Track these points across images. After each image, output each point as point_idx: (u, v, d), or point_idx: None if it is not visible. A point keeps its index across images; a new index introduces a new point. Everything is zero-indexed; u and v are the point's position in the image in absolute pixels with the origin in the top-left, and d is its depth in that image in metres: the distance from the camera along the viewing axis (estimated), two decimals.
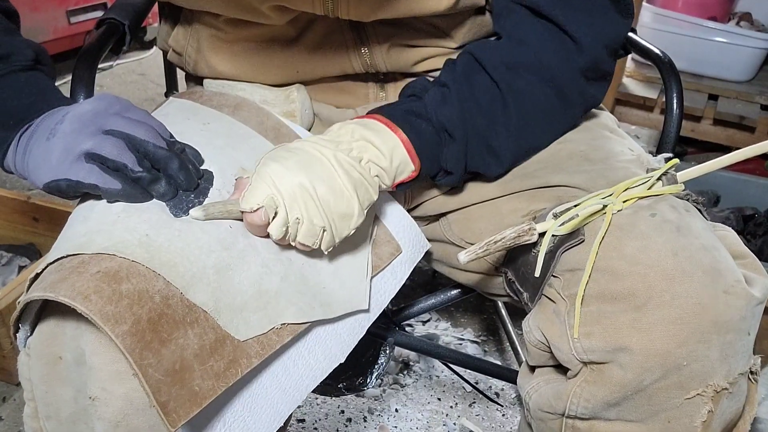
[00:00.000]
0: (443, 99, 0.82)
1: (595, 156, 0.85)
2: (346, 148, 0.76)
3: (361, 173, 0.74)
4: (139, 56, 3.39)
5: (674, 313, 0.66)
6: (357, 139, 0.77)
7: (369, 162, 0.77)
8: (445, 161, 0.83)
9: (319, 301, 0.75)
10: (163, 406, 0.60)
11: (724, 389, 0.68)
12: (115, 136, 0.70)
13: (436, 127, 0.81)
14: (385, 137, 0.78)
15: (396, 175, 0.79)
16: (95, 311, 0.59)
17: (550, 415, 0.76)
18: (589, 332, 0.70)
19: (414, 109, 0.81)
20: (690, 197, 0.78)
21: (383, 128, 0.78)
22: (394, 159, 0.78)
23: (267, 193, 0.71)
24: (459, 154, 0.82)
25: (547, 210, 0.79)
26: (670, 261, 0.68)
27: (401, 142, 0.78)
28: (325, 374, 0.77)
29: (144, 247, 0.65)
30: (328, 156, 0.73)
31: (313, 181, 0.71)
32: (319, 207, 0.71)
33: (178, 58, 1.00)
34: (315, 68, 0.92)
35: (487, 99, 0.82)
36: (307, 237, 0.73)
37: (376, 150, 0.77)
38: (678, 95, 1.14)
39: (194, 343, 0.64)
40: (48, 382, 0.66)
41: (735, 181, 2.06)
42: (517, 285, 0.83)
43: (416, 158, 0.79)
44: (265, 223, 0.72)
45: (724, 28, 2.51)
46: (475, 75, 0.83)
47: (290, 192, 0.71)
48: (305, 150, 0.74)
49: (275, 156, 0.73)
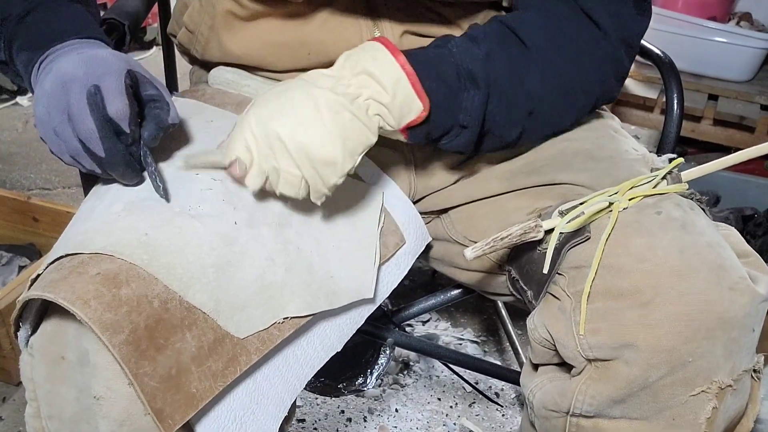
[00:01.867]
0: (471, 45, 0.77)
1: (600, 154, 0.85)
2: (343, 85, 0.71)
3: (354, 113, 0.69)
4: (139, 56, 3.39)
5: (680, 310, 0.66)
6: (358, 73, 0.71)
7: (369, 99, 0.71)
8: (463, 111, 0.76)
9: (325, 291, 0.75)
10: (159, 412, 0.61)
11: (729, 386, 0.68)
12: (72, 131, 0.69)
13: (458, 70, 0.75)
14: (387, 68, 0.72)
15: (401, 115, 0.73)
16: (94, 319, 0.59)
17: (555, 413, 0.76)
18: (596, 329, 0.70)
19: (437, 53, 0.76)
20: (694, 196, 0.78)
21: (387, 58, 0.72)
22: (397, 94, 0.71)
23: (242, 143, 0.69)
24: (480, 103, 0.76)
25: (553, 207, 0.79)
26: (676, 258, 0.68)
27: (405, 75, 0.72)
28: (322, 362, 0.78)
29: (143, 248, 0.65)
30: (315, 97, 0.69)
31: (287, 128, 0.68)
32: (295, 156, 0.68)
33: (189, 37, 0.98)
34: (327, 50, 0.91)
35: (516, 56, 0.78)
36: (286, 187, 0.71)
37: (376, 84, 0.71)
38: (678, 95, 1.14)
39: (192, 346, 0.64)
40: (51, 382, 0.66)
41: (735, 181, 2.06)
42: (521, 283, 0.83)
43: (424, 95, 0.73)
44: (241, 176, 0.70)
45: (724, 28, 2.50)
46: (507, 34, 0.80)
47: (264, 140, 0.69)
48: (293, 90, 0.70)
49: (260, 100, 0.71)
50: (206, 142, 0.81)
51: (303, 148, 0.68)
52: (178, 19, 1.02)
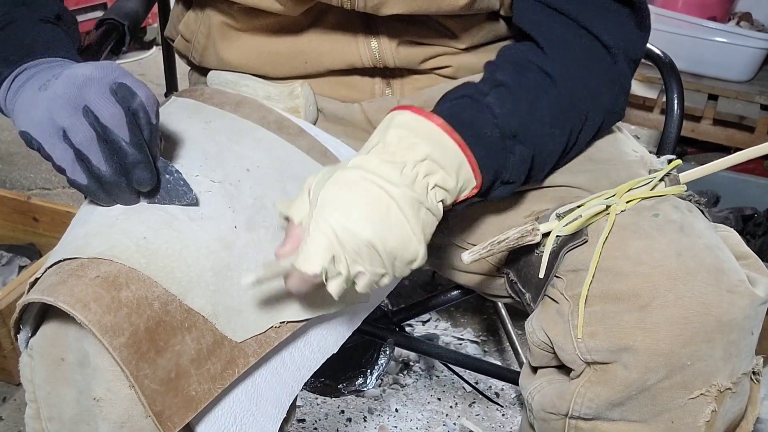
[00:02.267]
0: (508, 95, 0.75)
1: (599, 156, 0.85)
2: (411, 175, 0.66)
3: (428, 208, 0.67)
4: (139, 56, 3.39)
5: (678, 313, 0.66)
6: (421, 159, 0.67)
7: (436, 187, 0.68)
8: (509, 171, 0.74)
9: (321, 295, 0.75)
10: (159, 415, 0.61)
11: (728, 389, 0.68)
12: (90, 121, 0.66)
13: (501, 129, 0.73)
14: (452, 155, 0.68)
15: (459, 194, 0.71)
16: (94, 322, 0.59)
17: (553, 415, 0.76)
18: (593, 332, 0.70)
19: (475, 113, 0.73)
20: (692, 198, 0.78)
21: (449, 143, 0.68)
22: (459, 179, 0.69)
23: (329, 252, 0.64)
24: (525, 160, 0.75)
25: (550, 210, 0.79)
26: (674, 261, 0.68)
27: (467, 160, 0.69)
28: (319, 365, 0.78)
29: (141, 252, 0.65)
30: (395, 197, 0.64)
31: (382, 237, 0.64)
32: (386, 260, 0.65)
33: (185, 45, 0.99)
34: (323, 60, 0.91)
35: (547, 102, 0.76)
36: (366, 288, 0.67)
37: (442, 172, 0.68)
38: (678, 95, 1.14)
39: (191, 348, 0.64)
40: (51, 384, 0.66)
41: (735, 181, 2.06)
42: (519, 286, 0.83)
43: (479, 174, 0.71)
44: (321, 281, 0.66)
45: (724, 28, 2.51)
46: (530, 71, 0.78)
47: (354, 249, 0.64)
48: (369, 190, 0.65)
49: (336, 199, 0.65)
50: (204, 141, 0.81)
51: (393, 253, 0.65)
52: (175, 26, 1.02)
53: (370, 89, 0.95)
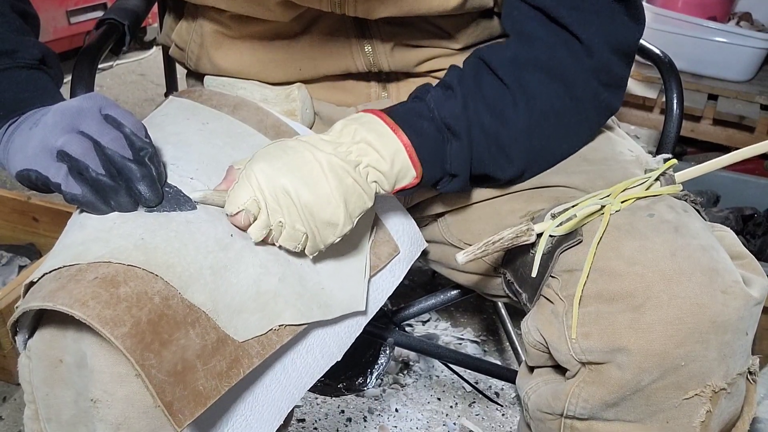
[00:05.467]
0: (446, 96, 0.80)
1: (594, 156, 0.85)
2: (344, 151, 0.73)
3: (355, 179, 0.72)
4: (139, 56, 3.39)
5: (672, 314, 0.66)
6: (358, 141, 0.74)
7: (368, 167, 0.74)
8: (449, 162, 0.79)
9: (318, 303, 0.75)
10: (169, 405, 0.60)
11: (723, 389, 0.68)
12: (86, 136, 0.68)
13: (437, 124, 0.78)
14: (387, 140, 0.75)
15: (396, 181, 0.76)
16: (93, 316, 0.59)
17: (549, 415, 0.76)
18: (587, 333, 0.70)
19: (416, 109, 0.79)
20: (688, 198, 0.78)
21: (386, 130, 0.75)
22: (395, 164, 0.75)
23: (250, 194, 0.70)
24: (464, 153, 0.79)
25: (546, 210, 0.79)
26: (669, 261, 0.68)
27: (403, 146, 0.75)
28: (322, 372, 0.77)
29: (140, 250, 0.65)
30: (320, 160, 0.71)
31: (297, 186, 0.70)
32: (301, 213, 0.70)
33: (180, 53, 1.00)
34: (318, 66, 0.92)
35: (494, 96, 0.80)
36: (287, 241, 0.72)
37: (376, 154, 0.74)
38: (678, 95, 1.14)
39: (196, 343, 0.64)
40: (49, 385, 0.66)
41: (734, 181, 2.06)
42: (516, 286, 0.83)
43: (418, 164, 0.76)
44: (246, 225, 0.71)
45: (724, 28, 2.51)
46: (482, 74, 0.81)
47: (273, 195, 0.70)
48: (298, 151, 0.72)
49: (266, 154, 0.72)
50: (201, 144, 0.81)
51: (309, 207, 0.70)
52: (168, 35, 1.02)
53: (366, 93, 0.95)
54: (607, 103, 0.85)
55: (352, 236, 0.79)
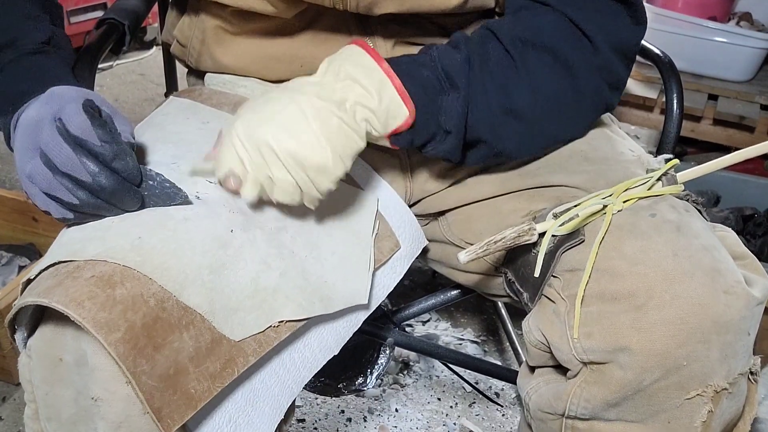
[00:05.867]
0: (451, 50, 0.77)
1: (595, 156, 0.85)
2: (328, 90, 0.70)
3: (341, 118, 0.69)
4: (139, 56, 3.39)
5: (674, 313, 0.66)
6: (342, 79, 0.71)
7: (355, 104, 0.70)
8: (443, 114, 0.76)
9: (320, 296, 0.75)
10: (157, 412, 0.61)
11: (724, 389, 0.68)
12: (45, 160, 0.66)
13: (437, 73, 0.75)
14: (372, 73, 0.71)
15: (387, 119, 0.72)
16: (88, 319, 0.59)
17: (550, 415, 0.76)
18: (589, 332, 0.70)
19: (418, 59, 0.77)
20: (690, 198, 0.78)
21: (370, 62, 0.72)
22: (383, 98, 0.71)
23: (234, 156, 0.69)
24: (460, 106, 0.76)
25: (547, 210, 0.79)
26: (671, 261, 0.68)
27: (389, 79, 0.71)
28: (320, 365, 0.78)
29: (136, 251, 0.65)
30: (301, 103, 0.68)
31: (277, 135, 0.67)
32: (286, 163, 0.68)
33: (181, 50, 0.99)
34: (318, 63, 0.91)
35: (499, 63, 0.78)
36: (281, 195, 0.70)
37: (362, 89, 0.70)
38: (678, 95, 1.14)
39: (189, 346, 0.64)
40: (49, 384, 0.66)
41: (735, 181, 2.06)
42: (517, 285, 0.83)
43: (409, 101, 0.72)
44: (237, 186, 0.70)
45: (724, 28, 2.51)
46: (489, 41, 0.79)
47: (255, 149, 0.68)
48: (279, 99, 0.70)
49: (247, 108, 0.70)
50: (201, 143, 0.81)
51: (293, 155, 0.68)
52: (170, 31, 1.02)
53: None
54: (607, 102, 0.85)
55: (358, 227, 0.79)
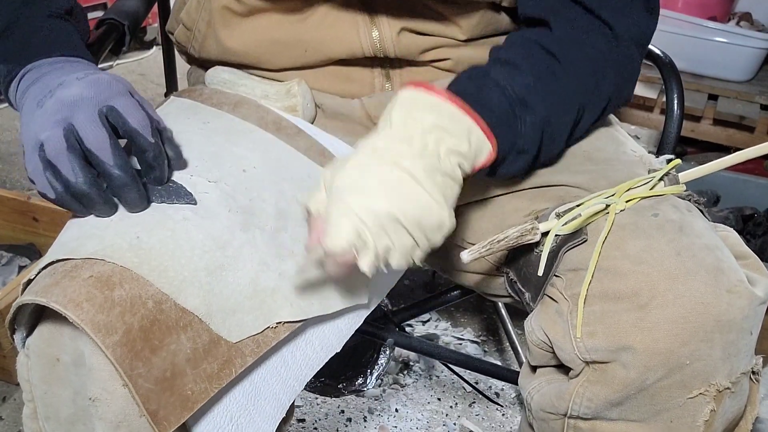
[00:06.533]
0: (513, 69, 0.77)
1: (598, 156, 0.85)
2: (420, 147, 0.68)
3: (444, 172, 0.68)
4: (139, 56, 3.39)
5: (677, 312, 0.66)
6: (429, 131, 0.69)
7: (449, 153, 0.69)
8: (521, 137, 0.76)
9: (318, 297, 0.75)
10: (153, 414, 0.61)
11: (727, 389, 0.68)
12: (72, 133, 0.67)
13: (509, 97, 0.75)
14: (458, 119, 0.70)
15: (475, 159, 0.72)
16: (86, 321, 0.59)
17: (552, 415, 0.76)
18: (592, 332, 0.69)
19: (482, 82, 0.76)
20: (692, 198, 0.78)
21: (454, 110, 0.71)
22: (471, 142, 0.70)
23: (352, 228, 0.66)
24: (537, 126, 0.76)
25: (550, 210, 0.79)
26: (673, 260, 0.68)
27: (475, 122, 0.71)
28: (322, 363, 0.77)
29: (134, 251, 0.65)
30: (408, 168, 0.67)
31: (400, 206, 0.66)
32: (410, 230, 0.67)
33: (186, 34, 0.98)
34: (324, 48, 0.91)
35: (556, 75, 0.78)
36: (400, 262, 0.69)
37: (452, 138, 0.69)
38: (678, 95, 1.14)
39: (187, 348, 0.64)
40: (47, 383, 0.66)
41: (735, 181, 2.06)
42: (519, 285, 0.83)
43: (492, 137, 0.72)
44: (353, 260, 0.67)
45: (724, 28, 2.50)
46: (535, 49, 0.79)
47: (378, 225, 0.66)
48: (380, 167, 0.67)
49: (348, 182, 0.67)
50: (201, 143, 0.80)
51: (418, 222, 0.67)
52: (176, 16, 1.01)
53: (369, 82, 0.95)
54: (625, 93, 0.85)
55: None
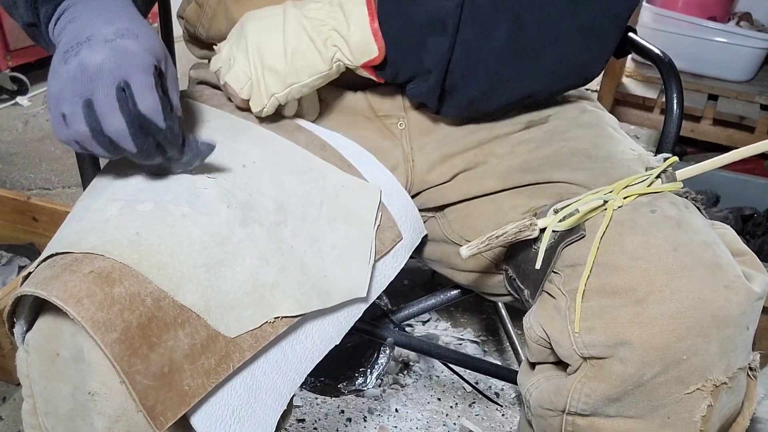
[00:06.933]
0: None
1: (597, 154, 0.85)
2: (317, 11, 0.80)
3: (312, 38, 0.79)
4: None
5: (674, 308, 0.66)
6: (333, 5, 0.79)
7: (332, 30, 0.79)
8: (428, 52, 0.81)
9: (318, 291, 0.75)
10: (150, 410, 0.61)
11: (724, 384, 0.68)
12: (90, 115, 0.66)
13: (430, 14, 0.79)
14: (357, 6, 0.79)
15: (359, 53, 0.80)
16: (86, 318, 0.59)
17: (551, 411, 0.76)
18: (590, 327, 0.70)
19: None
20: (689, 195, 0.78)
21: (364, 15, 0.79)
22: (356, 31, 0.79)
23: (228, 48, 0.82)
24: (445, 48, 0.80)
25: (548, 206, 0.79)
26: (671, 256, 0.68)
27: (368, 15, 0.78)
28: (322, 356, 0.78)
29: (134, 247, 0.65)
30: (290, 16, 0.79)
31: (256, 29, 0.79)
32: (249, 52, 0.79)
33: (196, 12, 0.96)
34: None
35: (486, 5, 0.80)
36: (232, 78, 0.81)
37: (344, 19, 0.79)
38: (678, 95, 1.13)
39: (184, 344, 0.64)
40: (46, 378, 0.66)
41: (734, 181, 2.06)
42: (518, 282, 0.83)
43: (380, 38, 0.79)
44: None
45: (724, 28, 2.51)
46: None
47: (237, 33, 0.81)
48: (277, 7, 0.81)
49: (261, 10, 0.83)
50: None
51: (258, 48, 0.79)
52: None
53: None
54: (586, 65, 0.86)
55: (359, 221, 0.79)
